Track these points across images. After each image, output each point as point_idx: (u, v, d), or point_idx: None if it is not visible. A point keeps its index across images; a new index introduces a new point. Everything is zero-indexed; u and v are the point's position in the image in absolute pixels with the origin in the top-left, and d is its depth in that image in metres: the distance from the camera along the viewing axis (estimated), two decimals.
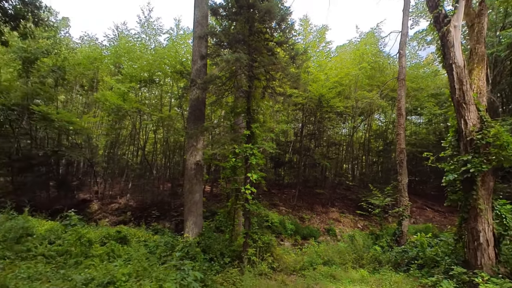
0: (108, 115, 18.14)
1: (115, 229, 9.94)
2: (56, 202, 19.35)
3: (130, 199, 20.41)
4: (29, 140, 18.94)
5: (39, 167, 18.67)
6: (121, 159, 22.94)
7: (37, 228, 8.82)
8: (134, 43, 20.30)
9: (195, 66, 9.15)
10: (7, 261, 6.24)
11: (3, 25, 10.21)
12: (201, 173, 9.02)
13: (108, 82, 17.38)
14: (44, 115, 15.76)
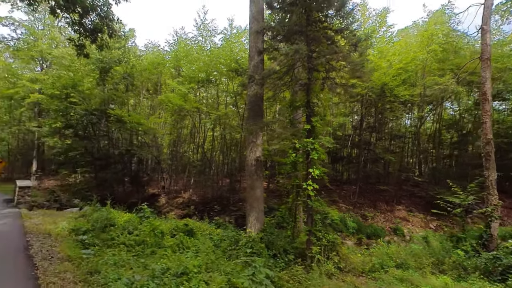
0: (171, 115, 19.49)
1: (182, 222, 10.55)
2: (131, 196, 21.59)
3: (192, 194, 21.69)
4: (107, 141, 21.38)
5: (115, 164, 20.98)
6: (183, 157, 24.51)
7: (117, 219, 9.82)
8: (192, 46, 21.39)
9: (252, 62, 9.15)
10: (96, 248, 7.02)
11: (84, 39, 11.58)
12: (261, 169, 9.03)
13: (170, 84, 18.62)
14: (119, 117, 17.60)
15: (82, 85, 19.81)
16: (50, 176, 30.15)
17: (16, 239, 6.56)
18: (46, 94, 21.68)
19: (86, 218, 9.02)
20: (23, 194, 12.19)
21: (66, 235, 7.77)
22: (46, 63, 29.71)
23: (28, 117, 30.97)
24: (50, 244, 6.54)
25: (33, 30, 29.47)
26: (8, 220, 8.99)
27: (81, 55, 12.04)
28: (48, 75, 24.84)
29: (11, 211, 10.96)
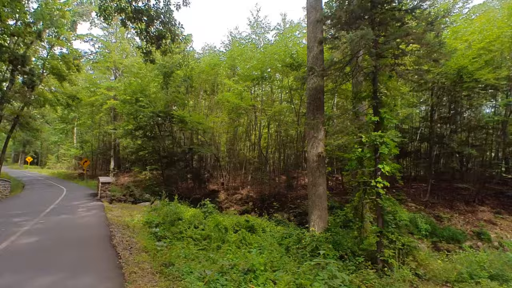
0: (228, 114, 20.05)
1: (243, 218, 10.70)
2: (193, 192, 22.91)
3: (250, 191, 22.06)
4: (171, 140, 22.99)
5: (179, 162, 22.44)
6: (239, 154, 25.12)
7: (184, 213, 10.39)
8: (246, 45, 21.66)
9: (311, 54, 8.74)
10: (167, 240, 7.46)
11: (150, 46, 12.50)
12: (323, 165, 8.60)
13: (227, 83, 19.14)
14: (181, 118, 18.73)
15: (148, 89, 21.59)
16: (125, 173, 33.77)
17: (102, 230, 7.32)
18: (119, 100, 24.22)
19: (157, 212, 9.71)
20: (105, 189, 13.75)
21: (141, 227, 8.44)
22: (119, 72, 33.26)
23: (106, 121, 35.09)
24: (129, 235, 7.14)
25: (107, 44, 33.21)
26: (95, 212, 10.17)
27: (147, 61, 13.06)
28: (120, 83, 27.73)
29: (96, 203, 12.43)
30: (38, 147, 58.95)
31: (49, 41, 24.24)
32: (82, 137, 39.69)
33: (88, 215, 9.58)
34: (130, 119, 21.74)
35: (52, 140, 50.81)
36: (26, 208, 10.79)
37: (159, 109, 19.87)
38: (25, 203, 12.32)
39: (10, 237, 5.99)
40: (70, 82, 25.51)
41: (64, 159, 46.34)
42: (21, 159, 54.61)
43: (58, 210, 10.31)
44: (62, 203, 12.25)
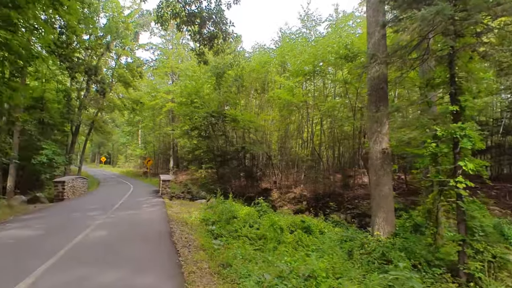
0: (280, 111, 19.69)
1: (299, 218, 10.29)
2: (245, 190, 23.21)
3: (303, 189, 21.47)
4: (224, 139, 23.56)
5: (232, 160, 22.89)
6: (291, 152, 24.65)
7: (239, 212, 10.38)
8: (296, 40, 21.08)
9: (372, 40, 7.92)
10: (223, 238, 7.44)
11: (203, 47, 12.83)
12: (388, 163, 7.73)
13: (277, 80, 18.83)
14: (233, 117, 19.03)
15: (202, 91, 22.45)
16: (182, 171, 35.88)
17: (163, 226, 7.62)
18: (176, 102, 25.72)
19: (213, 210, 9.86)
20: (165, 186, 14.58)
21: (198, 224, 8.61)
22: (175, 77, 35.44)
23: (165, 123, 37.62)
24: (187, 232, 7.29)
25: (165, 50, 35.57)
26: (157, 208, 10.77)
27: (201, 62, 13.43)
28: (177, 86, 29.42)
29: (158, 200, 13.24)
30: (110, 148, 66.07)
31: (116, 52, 26.78)
32: (145, 138, 43.29)
33: (151, 211, 10.16)
34: (186, 120, 22.85)
35: (121, 141, 56.61)
36: (99, 203, 11.94)
37: (212, 109, 20.48)
38: (99, 199, 13.69)
39: (85, 229, 6.54)
40: (134, 88, 27.90)
41: (131, 158, 51.21)
42: (97, 159, 61.95)
43: (126, 206, 11.16)
44: (129, 199, 13.30)
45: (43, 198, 12.40)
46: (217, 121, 21.73)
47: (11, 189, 17.32)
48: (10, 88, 9.63)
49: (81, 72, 20.71)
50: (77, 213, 9.14)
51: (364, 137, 23.34)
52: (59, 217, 8.58)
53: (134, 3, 27.57)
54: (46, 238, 5.90)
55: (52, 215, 8.97)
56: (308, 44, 20.19)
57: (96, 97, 26.33)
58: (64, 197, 12.67)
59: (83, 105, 24.60)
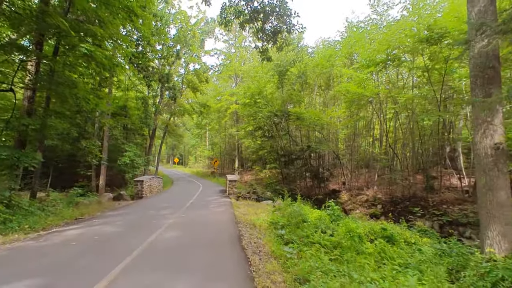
0: (348, 107, 18.10)
1: (377, 225, 9.01)
2: (311, 191, 22.16)
3: (377, 191, 19.43)
4: (288, 139, 22.93)
5: (297, 160, 22.09)
6: (360, 151, 22.66)
7: (308, 215, 9.62)
8: (365, 28, 19.24)
9: (476, 7, 6.32)
10: (295, 245, 6.80)
11: (267, 43, 12.44)
12: (504, 161, 6.05)
13: (345, 73, 17.35)
14: (298, 115, 18.26)
15: (265, 90, 22.22)
16: (247, 171, 36.51)
17: (231, 228, 7.37)
18: (240, 104, 26.12)
19: (281, 212, 9.31)
20: (232, 187, 14.64)
21: (266, 227, 8.15)
22: (238, 79, 36.30)
23: (230, 125, 38.79)
24: (256, 236, 6.87)
25: (228, 54, 36.76)
26: (224, 208, 10.74)
27: (264, 59, 13.08)
28: (240, 88, 29.97)
29: (225, 200, 13.32)
30: (182, 150, 71.68)
31: (185, 59, 28.58)
32: (212, 140, 45.52)
33: (219, 211, 10.13)
34: (250, 120, 22.94)
35: (191, 144, 60.93)
36: (172, 201, 12.52)
37: (276, 108, 20.06)
38: (172, 197, 14.45)
39: (158, 229, 6.64)
40: (201, 92, 29.38)
41: (200, 159, 54.52)
42: (171, 160, 67.80)
43: (195, 205, 11.43)
44: (198, 198, 13.71)
45: (125, 196, 13.60)
46: (281, 120, 21.21)
47: (103, 187, 19.68)
48: (98, 97, 10.64)
49: (155, 80, 22.55)
50: (152, 211, 9.60)
51: (449, 132, 20.03)
52: (137, 214, 9.10)
53: (199, 12, 28.97)
54: (123, 237, 6.12)
55: (131, 212, 9.60)
56: (379, 32, 18.21)
57: (168, 102, 28.55)
58: (143, 195, 13.69)
59: (158, 111, 26.88)
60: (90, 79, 11.42)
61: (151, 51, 16.42)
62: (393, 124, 20.78)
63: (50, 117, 10.52)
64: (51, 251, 4.96)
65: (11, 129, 9.29)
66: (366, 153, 21.44)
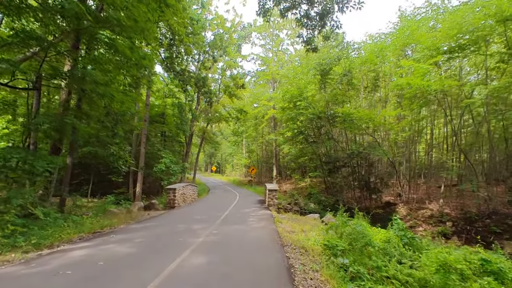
0: (410, 104, 15.37)
1: (476, 256, 6.58)
2: (361, 203, 19.52)
3: (444, 206, 16.29)
4: (332, 144, 20.67)
5: (343, 168, 19.70)
6: (419, 156, 19.56)
7: (372, 236, 7.52)
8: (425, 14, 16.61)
9: None
10: (365, 285, 4.84)
11: (312, 31, 10.72)
12: None
13: (404, 64, 14.80)
14: (346, 116, 16.06)
15: (306, 92, 20.33)
16: (286, 180, 34.48)
17: (276, 252, 5.66)
18: (278, 108, 24.47)
19: (337, 231, 7.34)
20: (272, 197, 12.90)
21: (320, 252, 6.25)
22: (276, 84, 34.82)
23: (267, 132, 37.26)
24: (310, 267, 5.06)
25: (265, 59, 35.56)
26: (265, 223, 9.02)
27: (309, 50, 11.33)
28: (278, 92, 28.40)
29: (264, 212, 11.60)
30: (219, 159, 71.83)
31: (221, 65, 27.89)
32: (249, 147, 44.36)
33: (259, 227, 8.43)
34: (290, 124, 21.14)
35: (228, 152, 60.57)
36: (206, 213, 11.12)
37: (319, 109, 18.08)
38: (206, 208, 13.11)
39: (183, 252, 5.14)
40: (237, 98, 28.35)
41: (236, 167, 53.67)
42: (208, 168, 68.09)
43: (231, 218, 9.88)
44: (234, 210, 12.18)
45: (157, 205, 12.54)
46: (324, 124, 19.12)
47: (139, 194, 19.15)
48: (126, 95, 9.72)
49: (191, 85, 21.91)
50: (181, 225, 8.21)
51: None
52: (163, 229, 7.76)
53: (236, 15, 28.14)
54: (136, 263, 4.69)
55: (158, 225, 8.30)
56: (443, 18, 15.53)
57: (205, 109, 27.94)
58: (175, 205, 12.52)
59: (194, 117, 26.31)
60: (120, 78, 10.55)
61: (186, 52, 15.56)
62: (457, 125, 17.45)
63: (80, 119, 9.91)
64: (31, 285, 3.65)
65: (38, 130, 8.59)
66: (426, 159, 18.36)
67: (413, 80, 12.73)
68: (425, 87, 12.41)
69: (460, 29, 12.92)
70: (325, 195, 19.89)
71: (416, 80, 12.56)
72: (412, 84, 12.79)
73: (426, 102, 14.89)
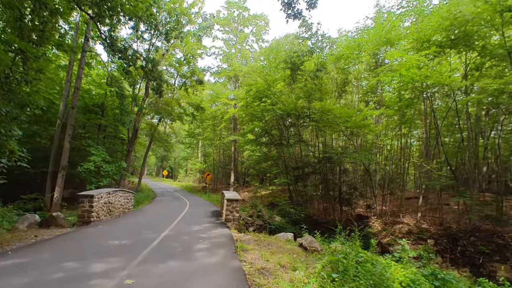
0: (395, 102, 13.33)
1: None
2: (329, 215, 17.27)
3: (420, 221, 14.62)
4: (302, 146, 18.22)
5: (313, 175, 17.29)
6: (400, 164, 17.95)
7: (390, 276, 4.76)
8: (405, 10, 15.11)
9: None
10: None
11: None
12: None
13: (393, 56, 12.76)
14: (321, 113, 13.61)
15: (274, 86, 17.64)
16: (244, 187, 31.41)
17: None
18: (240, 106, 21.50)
19: (336, 269, 4.42)
20: (232, 209, 9.68)
21: None
22: (238, 83, 31.88)
23: (226, 135, 33.93)
24: None
25: (228, 54, 32.52)
26: (222, 257, 5.73)
27: (290, 16, 8.57)
28: (241, 90, 25.46)
29: (221, 232, 8.31)
30: (172, 162, 66.32)
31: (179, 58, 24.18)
32: (205, 150, 40.54)
33: (212, 263, 5.17)
34: (255, 123, 18.21)
35: (182, 155, 55.71)
36: (133, 233, 7.51)
37: (290, 106, 15.46)
38: (139, 223, 9.42)
39: None
40: (196, 90, 24.80)
41: (190, 172, 49.18)
42: (160, 172, 62.10)
43: (169, 245, 6.45)
44: (179, 228, 8.71)
45: (62, 219, 8.51)
46: (295, 122, 16.58)
47: (57, 201, 14.58)
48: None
49: (137, 67, 17.93)
50: (73, 263, 4.62)
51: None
52: (29, 274, 4.12)
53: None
54: None
55: (29, 267, 4.58)
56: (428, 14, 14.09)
57: (156, 102, 23.85)
58: (91, 219, 8.61)
59: (141, 109, 22.07)
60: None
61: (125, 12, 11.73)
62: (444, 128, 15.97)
63: None
64: None
65: None
66: (405, 166, 16.68)
67: (403, 71, 10.58)
68: (422, 78, 10.40)
69: (454, 20, 11.29)
70: (291, 205, 17.21)
71: (408, 72, 10.48)
72: (403, 73, 10.68)
73: (415, 102, 12.97)
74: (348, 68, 19.52)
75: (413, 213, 15.99)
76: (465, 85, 12.05)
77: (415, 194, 20.01)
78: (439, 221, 14.33)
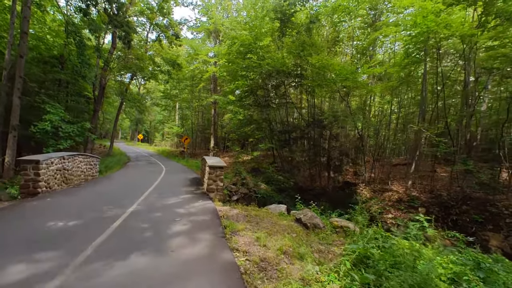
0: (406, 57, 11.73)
1: None
2: (315, 182, 16.50)
3: (411, 188, 14.12)
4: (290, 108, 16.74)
5: (301, 140, 16.10)
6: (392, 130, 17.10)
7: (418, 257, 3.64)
8: None
9: None
10: None
11: None
12: None
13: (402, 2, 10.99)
14: (318, 69, 11.93)
15: (261, 40, 15.52)
16: (224, 152, 30.02)
17: None
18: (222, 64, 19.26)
19: (359, 257, 3.20)
20: (215, 178, 8.25)
21: None
22: (219, 40, 28.92)
23: (206, 96, 31.56)
24: None
25: (208, 5, 29.03)
26: (206, 243, 4.34)
27: None
28: (223, 45, 22.88)
29: (204, 205, 6.93)
30: (148, 126, 63.02)
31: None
32: (182, 113, 38.12)
33: (192, 258, 3.77)
34: (240, 81, 16.24)
35: (158, 119, 52.64)
36: (91, 208, 5.95)
37: (280, 61, 13.62)
38: (104, 194, 7.81)
39: None
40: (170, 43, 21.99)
41: (167, 137, 46.81)
42: (135, 136, 58.97)
43: (136, 226, 4.98)
44: (151, 200, 7.23)
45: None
46: (284, 81, 14.88)
47: (9, 166, 12.48)
48: None
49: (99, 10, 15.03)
50: None
51: None
52: None
53: None
54: None
55: None
56: None
57: (124, 54, 20.89)
58: (38, 190, 6.89)
59: (107, 63, 19.19)
60: None
61: None
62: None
63: None
64: None
65: None
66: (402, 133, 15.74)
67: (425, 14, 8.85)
68: (441, 27, 8.86)
69: None
70: (276, 171, 16.14)
71: (430, 17, 8.79)
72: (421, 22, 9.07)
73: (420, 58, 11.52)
74: (341, 24, 17.62)
75: (401, 180, 15.52)
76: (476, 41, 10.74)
77: (402, 161, 19.68)
78: (429, 188, 13.89)
